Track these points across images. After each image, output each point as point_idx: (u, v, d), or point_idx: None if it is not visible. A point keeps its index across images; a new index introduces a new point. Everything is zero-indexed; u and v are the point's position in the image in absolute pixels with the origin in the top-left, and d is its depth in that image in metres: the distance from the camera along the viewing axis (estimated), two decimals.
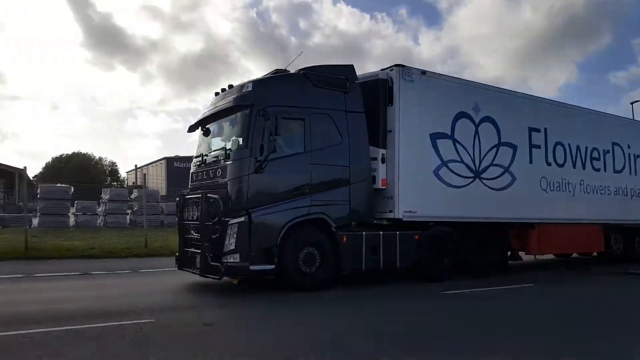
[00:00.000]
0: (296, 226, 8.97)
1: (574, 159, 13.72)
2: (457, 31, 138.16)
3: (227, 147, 9.27)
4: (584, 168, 13.97)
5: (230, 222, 8.51)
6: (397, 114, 10.39)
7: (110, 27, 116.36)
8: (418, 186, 10.59)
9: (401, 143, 10.38)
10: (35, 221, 22.28)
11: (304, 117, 9.27)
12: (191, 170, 10.40)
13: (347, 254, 9.42)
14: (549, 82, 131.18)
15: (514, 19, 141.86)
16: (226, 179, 8.87)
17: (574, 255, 16.61)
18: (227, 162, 8.96)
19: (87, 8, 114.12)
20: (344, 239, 9.41)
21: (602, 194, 14.22)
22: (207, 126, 10.14)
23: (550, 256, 15.77)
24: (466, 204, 11.30)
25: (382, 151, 10.39)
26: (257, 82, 9.22)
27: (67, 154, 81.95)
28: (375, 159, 10.34)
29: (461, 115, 11.40)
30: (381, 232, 10.05)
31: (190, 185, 10.27)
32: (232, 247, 8.43)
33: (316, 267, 9.08)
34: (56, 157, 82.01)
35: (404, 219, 10.32)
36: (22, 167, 28.09)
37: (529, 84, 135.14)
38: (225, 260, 8.47)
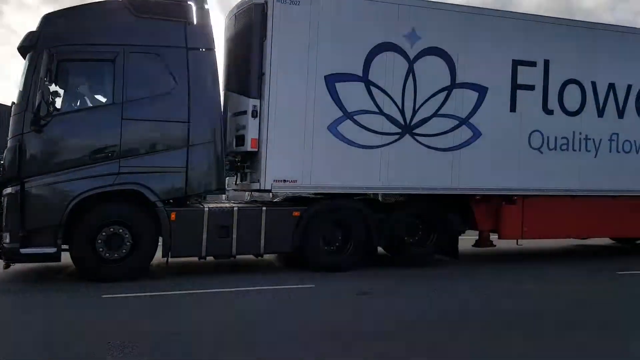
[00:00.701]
0: (95, 199, 7.10)
1: (601, 104, 9.54)
2: None
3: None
4: (620, 116, 9.70)
5: (3, 194, 7.00)
6: (270, 50, 7.74)
7: None
8: (300, 147, 7.88)
9: (273, 88, 7.75)
10: None
11: (113, 57, 7.15)
12: None
13: (176, 236, 7.34)
14: None
15: None
16: None
17: None
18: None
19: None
20: (172, 216, 7.32)
21: None
22: None
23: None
24: (386, 169, 8.29)
25: (252, 102, 7.88)
26: (45, 17, 7.24)
27: None
28: (245, 112, 7.92)
29: (384, 47, 8.23)
30: (235, 208, 7.70)
31: None
32: (4, 224, 6.92)
33: (125, 251, 7.15)
34: None
35: (273, 191, 7.84)
36: None
37: None
38: (3, 241, 7.00)
